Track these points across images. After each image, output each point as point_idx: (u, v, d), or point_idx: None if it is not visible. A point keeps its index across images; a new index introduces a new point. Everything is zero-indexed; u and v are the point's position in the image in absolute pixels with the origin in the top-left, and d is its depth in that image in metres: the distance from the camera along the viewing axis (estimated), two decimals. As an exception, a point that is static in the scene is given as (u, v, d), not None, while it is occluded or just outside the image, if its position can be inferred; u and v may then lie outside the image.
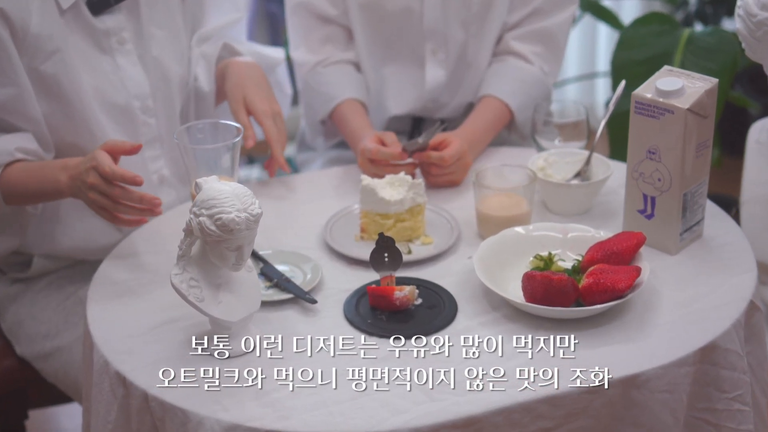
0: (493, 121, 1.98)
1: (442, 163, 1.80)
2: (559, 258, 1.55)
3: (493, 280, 1.49)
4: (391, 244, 1.49)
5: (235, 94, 1.80)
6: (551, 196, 1.75)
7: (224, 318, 1.37)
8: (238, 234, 1.32)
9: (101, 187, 1.53)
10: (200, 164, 1.56)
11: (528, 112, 2.01)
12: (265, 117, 1.79)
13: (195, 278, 1.36)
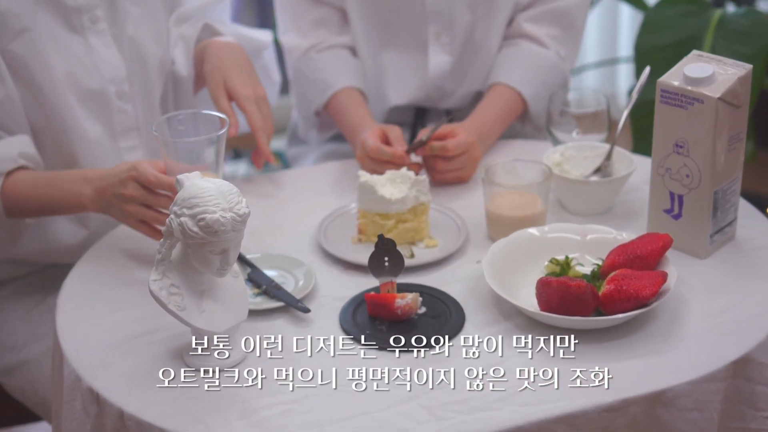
0: (504, 111, 1.98)
1: (445, 154, 1.80)
2: (577, 262, 1.55)
3: (505, 287, 1.49)
4: (392, 248, 1.49)
5: (214, 78, 1.80)
6: (568, 194, 1.75)
7: (208, 328, 1.37)
8: (223, 236, 1.31)
9: (143, 198, 1.56)
10: (182, 159, 1.56)
11: (543, 101, 2.01)
12: (248, 102, 1.78)
13: (176, 285, 1.36)
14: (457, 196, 1.82)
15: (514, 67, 2.03)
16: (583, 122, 1.84)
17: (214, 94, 1.79)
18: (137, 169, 1.55)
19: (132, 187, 1.56)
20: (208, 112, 1.62)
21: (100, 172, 1.61)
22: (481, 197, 1.72)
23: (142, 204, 1.57)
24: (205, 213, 1.30)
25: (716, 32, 2.45)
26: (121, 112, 1.80)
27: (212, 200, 1.31)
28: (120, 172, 1.58)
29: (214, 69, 1.80)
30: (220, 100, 1.78)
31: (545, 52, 2.05)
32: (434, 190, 1.81)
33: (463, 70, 2.09)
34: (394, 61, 2.08)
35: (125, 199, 1.57)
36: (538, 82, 2.02)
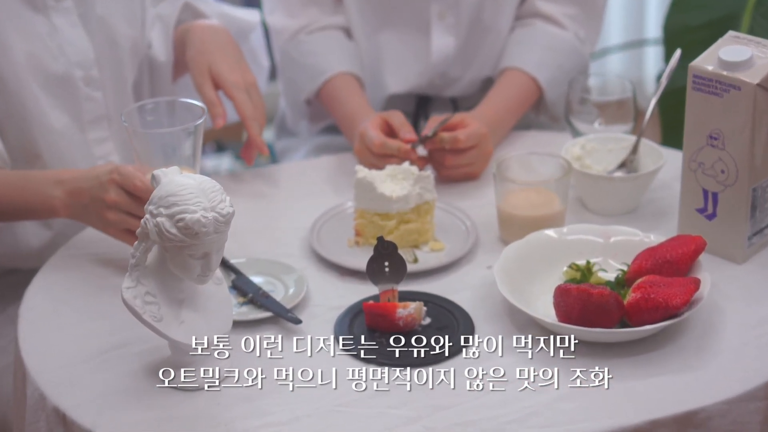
0: (517, 99, 1.99)
1: (456, 146, 1.80)
2: (600, 268, 1.56)
3: (519, 295, 1.50)
4: (393, 251, 1.50)
5: (198, 64, 1.80)
6: (590, 192, 1.75)
7: (187, 341, 1.38)
8: (204, 238, 1.32)
9: (127, 205, 1.55)
10: (155, 152, 1.56)
11: (560, 88, 2.02)
12: (237, 90, 1.78)
13: (151, 293, 1.37)
14: (465, 193, 1.83)
15: (528, 51, 2.03)
16: (606, 111, 1.85)
17: (198, 81, 1.79)
18: (120, 173, 1.55)
19: (114, 192, 1.55)
20: (185, 100, 1.62)
21: (74, 173, 1.61)
22: (492, 195, 1.72)
23: (124, 212, 1.56)
24: (185, 213, 1.31)
25: (755, 11, 2.45)
26: (89, 100, 1.80)
27: (192, 198, 1.31)
28: (100, 174, 1.57)
29: (198, 54, 1.80)
30: (205, 88, 1.78)
31: (562, 34, 2.05)
32: (440, 187, 1.81)
33: (470, 54, 2.09)
34: (392, 43, 2.09)
35: (106, 205, 1.56)
36: (554, 67, 2.02)
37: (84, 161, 1.81)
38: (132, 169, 1.55)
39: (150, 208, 1.33)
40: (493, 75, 2.09)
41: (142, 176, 1.54)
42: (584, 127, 1.86)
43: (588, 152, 1.80)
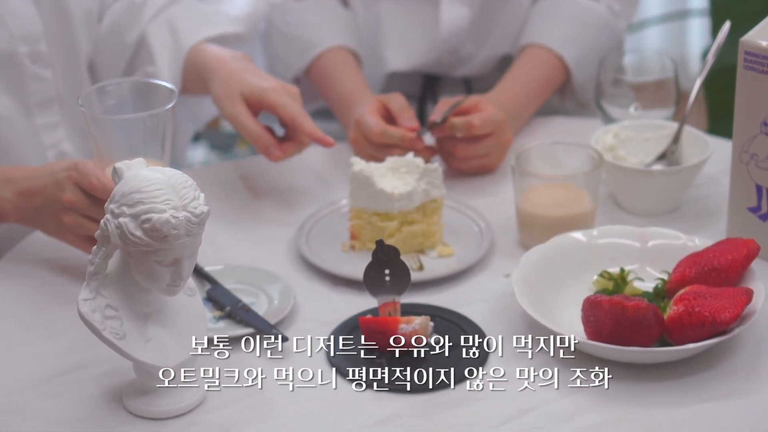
0: (540, 81, 1.99)
1: (470, 133, 1.80)
2: (636, 276, 1.56)
3: (541, 308, 1.50)
4: (395, 257, 1.50)
5: (227, 96, 1.77)
6: (624, 188, 1.75)
7: (155, 363, 1.38)
8: (174, 242, 1.32)
9: (85, 207, 1.55)
10: (117, 142, 1.56)
11: (590, 68, 2.02)
12: (276, 94, 1.76)
13: (113, 305, 1.36)
14: (479, 190, 1.83)
15: (554, 25, 2.04)
16: (643, 94, 1.85)
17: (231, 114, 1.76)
18: (79, 170, 1.55)
19: (72, 191, 1.55)
20: (153, 81, 1.62)
21: (26, 171, 1.61)
22: (510, 191, 1.72)
23: (83, 215, 1.56)
24: (151, 212, 1.30)
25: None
26: (36, 80, 1.80)
27: (160, 195, 1.31)
28: (56, 171, 1.57)
29: (223, 85, 1.78)
30: (242, 119, 1.74)
31: (594, 6, 2.06)
32: (449, 182, 1.81)
33: (486, 28, 2.10)
34: (395, 13, 2.09)
35: (62, 206, 1.56)
36: (584, 44, 2.03)
37: (31, 151, 1.81)
38: (92, 165, 1.55)
39: (111, 206, 1.32)
40: (513, 52, 2.09)
41: (100, 173, 1.54)
42: (618, 113, 1.86)
43: (622, 142, 1.80)
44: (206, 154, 3.27)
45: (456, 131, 1.81)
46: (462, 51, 2.11)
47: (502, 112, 1.85)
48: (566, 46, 2.01)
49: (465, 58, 2.12)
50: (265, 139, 1.74)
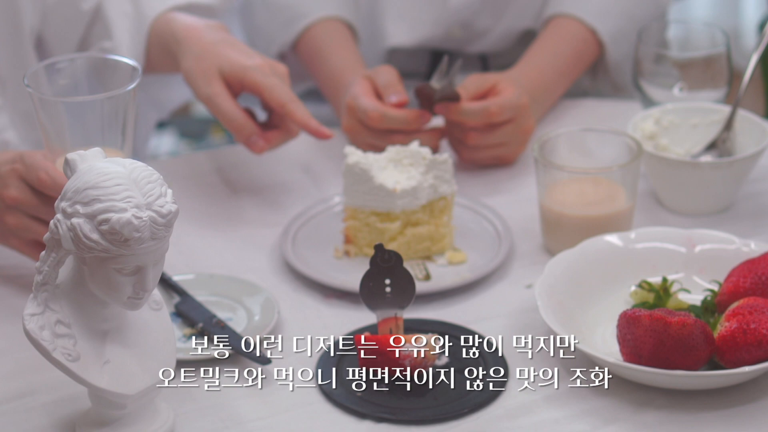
0: (569, 57, 2.00)
1: (488, 120, 1.80)
2: (681, 287, 1.56)
3: (570, 325, 1.50)
4: (397, 265, 1.49)
5: (202, 73, 1.77)
6: (667, 183, 1.76)
7: (114, 389, 1.37)
8: (137, 246, 1.32)
9: (31, 206, 1.56)
10: (70, 128, 1.56)
11: (628, 43, 2.02)
12: (262, 74, 1.76)
13: (65, 322, 1.36)
14: (496, 185, 1.83)
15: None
16: (689, 73, 1.86)
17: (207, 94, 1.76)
18: (25, 162, 1.55)
19: (16, 187, 1.56)
20: (113, 58, 1.62)
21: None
22: (532, 187, 1.73)
23: (29, 215, 1.57)
24: (110, 211, 1.30)
25: None
26: None
27: (120, 192, 1.31)
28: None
29: (197, 61, 1.78)
30: (219, 100, 1.75)
31: (633, -30, 2.06)
32: (461, 175, 1.81)
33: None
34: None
35: (5, 205, 1.57)
36: (621, 15, 2.03)
37: None
38: (41, 156, 1.55)
39: (63, 205, 1.32)
40: (536, 26, 2.10)
41: (50, 165, 1.54)
42: (660, 94, 1.86)
43: (665, 128, 1.80)
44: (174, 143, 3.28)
45: (470, 118, 1.81)
46: (476, 24, 2.11)
47: (524, 93, 1.85)
48: (600, 16, 2.02)
49: (479, 32, 2.12)
50: (246, 127, 1.74)
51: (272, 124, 1.78)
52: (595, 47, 2.03)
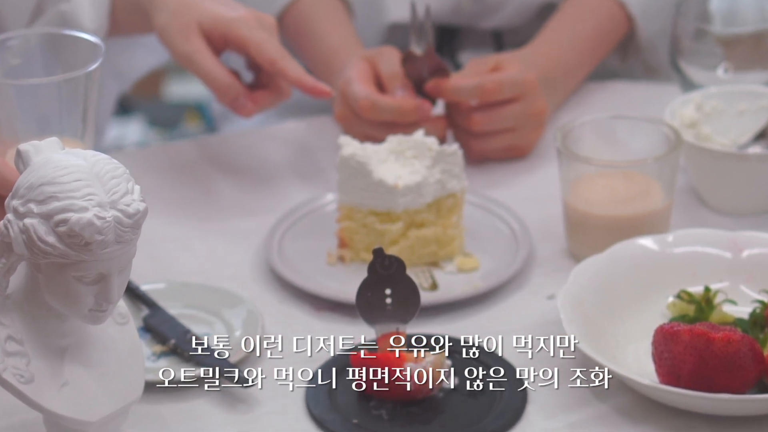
0: (593, 34, 2.01)
1: (485, 98, 1.82)
2: (726, 298, 1.57)
3: (598, 340, 1.51)
4: (399, 272, 1.50)
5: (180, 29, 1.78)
6: (710, 178, 1.77)
7: (73, 415, 1.38)
8: (100, 251, 1.32)
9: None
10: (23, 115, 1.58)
11: (663, 17, 2.02)
12: (247, 27, 1.78)
13: (16, 338, 1.37)
14: (511, 180, 1.85)
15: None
16: (735, 51, 1.86)
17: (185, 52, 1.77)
18: None
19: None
20: (71, 33, 1.63)
21: None
22: (554, 182, 1.74)
23: None
24: (69, 210, 1.31)
25: None
26: None
27: (81, 188, 1.31)
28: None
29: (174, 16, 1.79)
30: (198, 57, 1.76)
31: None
32: (471, 169, 1.81)
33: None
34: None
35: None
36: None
37: None
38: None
39: (14, 203, 1.33)
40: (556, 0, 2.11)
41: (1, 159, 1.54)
42: (701, 76, 1.87)
43: (707, 115, 1.81)
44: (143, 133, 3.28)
45: (463, 96, 1.82)
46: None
47: (533, 71, 1.86)
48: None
49: (493, 5, 2.13)
50: (232, 87, 1.76)
51: (260, 84, 1.79)
52: (623, 22, 2.04)
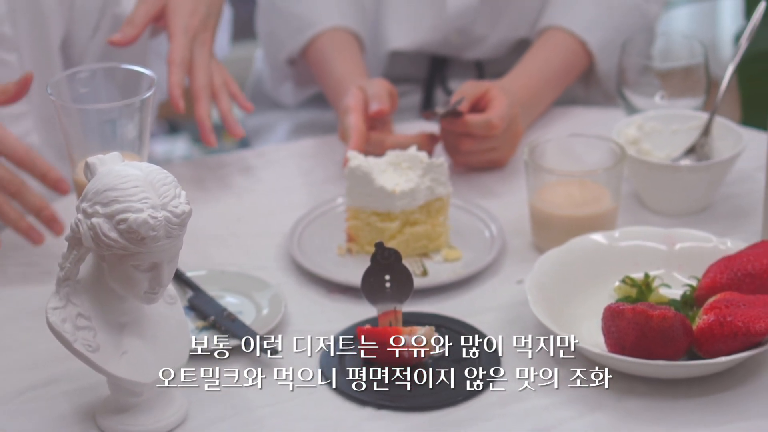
0: (559, 67, 1.99)
1: (490, 132, 1.80)
2: (662, 283, 1.56)
3: (558, 318, 1.50)
4: (396, 262, 1.49)
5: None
6: (649, 185, 1.75)
7: (131, 378, 1.37)
8: (153, 244, 1.32)
9: (8, 182, 1.59)
10: (90, 134, 1.56)
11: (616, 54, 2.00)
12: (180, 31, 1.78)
13: (85, 315, 1.36)
14: (488, 187, 1.83)
15: (577, 6, 2.04)
16: (670, 82, 1.85)
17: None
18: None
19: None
20: (130, 68, 1.62)
21: None
22: (523, 189, 1.73)
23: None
24: (128, 212, 1.30)
25: None
26: (1, 65, 1.80)
27: (137, 193, 1.31)
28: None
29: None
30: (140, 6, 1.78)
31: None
32: (456, 178, 1.81)
33: (499, 7, 2.10)
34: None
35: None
36: (610, 28, 2.03)
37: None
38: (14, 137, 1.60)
39: (83, 205, 1.33)
40: (531, 36, 2.09)
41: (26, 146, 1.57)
42: (642, 102, 1.86)
43: (647, 134, 1.80)
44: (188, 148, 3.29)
45: (474, 130, 1.81)
46: (472, 31, 2.11)
47: (515, 102, 1.85)
48: (590, 29, 2.02)
49: (476, 39, 2.12)
50: (130, 27, 1.78)
51: None
52: (584, 58, 2.02)
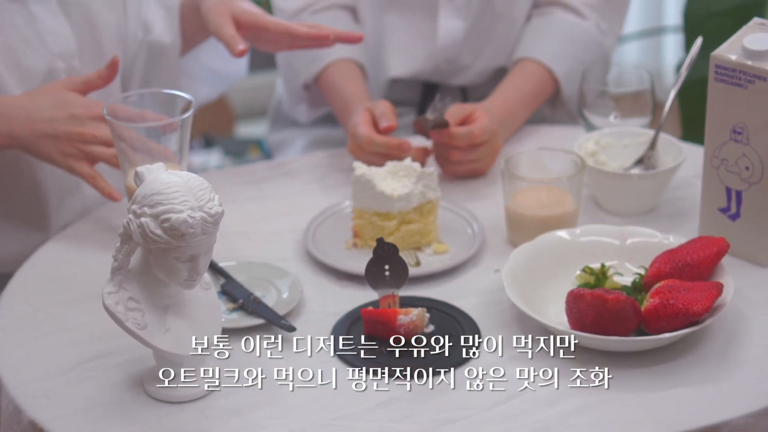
0: (531, 92, 1.99)
1: (472, 140, 1.80)
2: (616, 271, 1.56)
3: (528, 301, 1.50)
4: (394, 254, 1.50)
5: (218, 11, 1.79)
6: (605, 190, 1.75)
7: (173, 350, 1.38)
8: (191, 240, 1.32)
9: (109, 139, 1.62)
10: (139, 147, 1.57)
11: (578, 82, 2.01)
12: (266, 15, 1.78)
13: (135, 298, 1.37)
14: (471, 192, 1.83)
15: (545, 41, 2.03)
16: (622, 104, 1.85)
17: (216, 23, 1.77)
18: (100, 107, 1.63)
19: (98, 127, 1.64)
20: (172, 92, 1.62)
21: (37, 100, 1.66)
22: (500, 194, 1.72)
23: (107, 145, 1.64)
24: (170, 212, 1.31)
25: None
26: None
27: (178, 197, 1.32)
28: (78, 103, 1.65)
29: (217, 4, 1.79)
30: (225, 27, 1.76)
31: (583, 24, 2.05)
32: (444, 184, 1.81)
33: (481, 41, 2.09)
34: (398, 24, 2.09)
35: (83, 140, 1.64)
36: (573, 59, 2.03)
37: None
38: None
39: (133, 207, 1.33)
40: (507, 65, 2.09)
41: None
42: (599, 121, 1.86)
43: (603, 148, 1.80)
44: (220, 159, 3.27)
45: (458, 140, 1.81)
46: (458, 61, 2.10)
47: (495, 120, 1.85)
48: (556, 60, 2.01)
49: (462, 67, 2.12)
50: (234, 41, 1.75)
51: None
52: (552, 84, 2.02)
